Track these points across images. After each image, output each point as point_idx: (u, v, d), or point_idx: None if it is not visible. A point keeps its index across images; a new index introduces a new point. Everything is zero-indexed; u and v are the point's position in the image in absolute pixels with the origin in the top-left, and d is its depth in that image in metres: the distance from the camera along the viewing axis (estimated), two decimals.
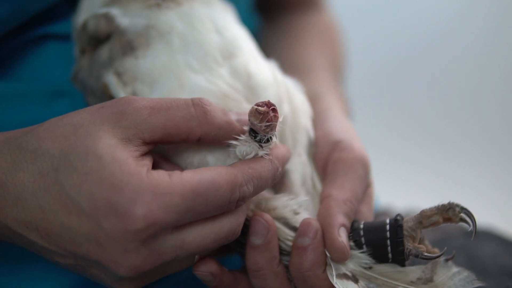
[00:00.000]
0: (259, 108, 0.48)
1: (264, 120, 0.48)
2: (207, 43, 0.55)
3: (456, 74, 1.92)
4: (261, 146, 0.49)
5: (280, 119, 0.49)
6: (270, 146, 0.50)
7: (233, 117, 0.50)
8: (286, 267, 0.54)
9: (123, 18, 0.56)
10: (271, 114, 0.48)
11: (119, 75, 0.54)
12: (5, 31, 0.59)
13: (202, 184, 0.45)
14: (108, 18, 0.56)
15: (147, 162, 0.47)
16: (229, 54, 0.56)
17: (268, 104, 0.48)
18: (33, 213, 0.46)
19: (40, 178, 0.46)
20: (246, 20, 0.67)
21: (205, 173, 0.46)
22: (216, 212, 0.47)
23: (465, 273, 0.51)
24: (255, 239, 0.52)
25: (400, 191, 1.48)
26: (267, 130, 0.48)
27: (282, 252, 0.53)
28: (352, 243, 0.53)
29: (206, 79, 0.54)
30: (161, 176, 0.45)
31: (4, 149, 0.48)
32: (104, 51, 0.56)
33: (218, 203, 0.46)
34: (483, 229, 0.74)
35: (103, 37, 0.57)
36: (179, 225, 0.46)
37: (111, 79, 0.54)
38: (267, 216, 0.52)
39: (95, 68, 0.56)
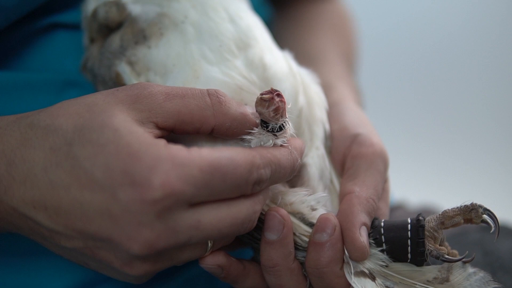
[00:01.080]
0: (264, 96, 0.47)
1: (270, 106, 0.47)
2: (222, 33, 0.54)
3: (474, 68, 1.90)
4: (276, 135, 0.49)
5: (288, 106, 0.48)
6: (285, 135, 0.49)
7: (248, 110, 0.49)
8: (301, 264, 0.53)
9: (135, 6, 0.55)
10: (276, 99, 0.47)
11: (131, 64, 0.54)
12: (13, 20, 0.58)
13: (220, 160, 0.44)
14: (119, 5, 0.55)
15: (163, 140, 0.45)
16: (244, 44, 0.55)
17: (272, 91, 0.47)
18: (42, 190, 0.45)
19: (52, 153, 0.45)
20: (257, 10, 0.65)
21: (224, 150, 0.45)
22: (233, 193, 0.46)
23: (481, 274, 0.50)
24: (270, 235, 0.51)
25: (415, 185, 1.47)
26: (277, 116, 0.48)
27: (297, 247, 0.52)
28: (372, 241, 0.52)
29: (221, 71, 0.53)
30: (180, 149, 0.44)
31: (14, 127, 0.47)
32: (116, 40, 0.55)
33: (235, 181, 0.45)
34: (500, 224, 0.73)
35: (113, 26, 0.56)
36: (195, 202, 0.44)
37: (124, 68, 0.54)
38: (283, 211, 0.51)
39: (106, 56, 0.55)
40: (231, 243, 0.53)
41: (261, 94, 0.47)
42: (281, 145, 0.49)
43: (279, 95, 0.47)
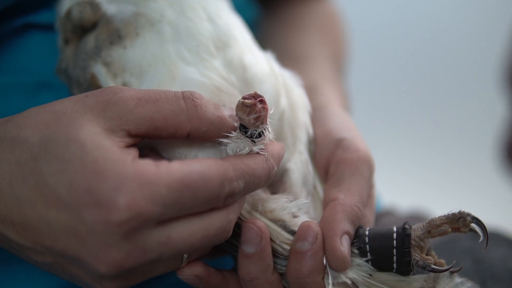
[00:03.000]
0: (246, 101, 0.45)
1: (252, 113, 0.45)
2: (200, 32, 0.52)
3: (466, 71, 1.90)
4: (254, 142, 0.47)
5: (270, 111, 0.46)
6: (264, 141, 0.47)
7: (226, 113, 0.48)
8: (281, 275, 0.51)
9: (110, 5, 0.54)
10: (259, 106, 0.45)
11: (107, 65, 0.52)
12: None
13: (190, 175, 0.43)
14: (93, 5, 0.54)
15: (133, 151, 0.44)
16: (223, 44, 0.53)
17: (255, 96, 0.45)
18: (9, 206, 0.43)
19: (18, 168, 0.43)
20: (242, 10, 0.64)
21: (194, 164, 0.43)
22: (204, 207, 0.44)
23: (469, 284, 0.49)
24: (248, 248, 0.49)
25: (404, 190, 1.46)
26: (257, 123, 0.46)
27: (278, 256, 0.50)
28: (356, 251, 0.50)
29: (198, 71, 0.51)
30: (147, 165, 0.42)
31: None
32: (90, 40, 0.53)
33: (206, 197, 0.43)
34: (491, 231, 0.71)
35: (88, 26, 0.54)
36: (164, 220, 0.43)
37: (99, 69, 0.52)
38: (260, 223, 0.49)
39: (81, 58, 0.53)
40: (210, 252, 0.52)
41: (243, 98, 0.45)
42: (257, 152, 0.47)
43: (262, 101, 0.45)
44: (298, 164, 0.54)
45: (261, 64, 0.54)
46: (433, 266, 0.49)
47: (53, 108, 0.45)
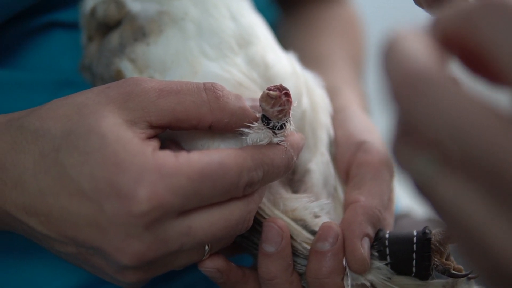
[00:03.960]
0: (271, 92, 0.45)
1: (276, 105, 0.45)
2: (222, 30, 0.53)
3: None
4: (275, 133, 0.47)
5: (294, 105, 0.46)
6: (285, 133, 0.47)
7: (247, 103, 0.47)
8: (300, 275, 0.51)
9: (134, 3, 0.54)
10: (284, 98, 0.45)
11: (133, 61, 0.52)
12: (9, 16, 0.57)
13: (210, 165, 0.42)
14: (118, 3, 0.54)
15: (154, 143, 0.44)
16: (245, 42, 0.53)
17: (280, 88, 0.45)
18: (32, 197, 0.44)
19: (41, 159, 0.43)
20: (263, 12, 0.64)
21: (213, 154, 0.43)
22: (224, 197, 0.44)
23: None
24: (268, 247, 0.49)
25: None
26: (280, 116, 0.45)
27: (298, 255, 0.50)
28: (376, 253, 0.50)
29: (220, 67, 0.51)
30: (167, 156, 0.42)
31: (5, 130, 0.46)
32: (115, 38, 0.53)
33: (225, 186, 0.43)
34: None
35: (112, 24, 0.54)
36: (185, 210, 0.43)
37: (126, 65, 0.52)
38: (281, 222, 0.49)
39: (105, 55, 0.54)
40: (229, 249, 0.52)
41: (268, 89, 0.45)
42: (277, 143, 0.47)
43: (287, 94, 0.45)
44: (320, 165, 0.54)
45: (283, 63, 0.54)
46: (452, 271, 0.49)
47: (75, 100, 0.45)
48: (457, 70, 0.30)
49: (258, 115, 0.47)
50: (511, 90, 0.27)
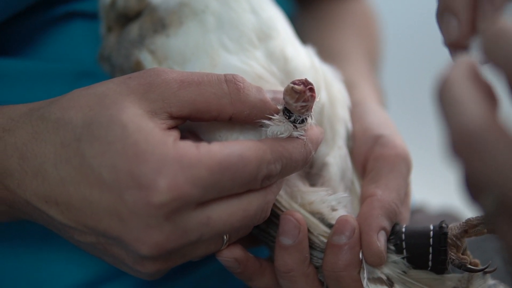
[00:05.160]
0: (296, 86, 0.44)
1: (300, 100, 0.45)
2: (243, 23, 0.53)
3: None
4: (296, 127, 0.47)
5: (317, 99, 0.46)
6: (305, 128, 0.47)
7: (268, 95, 0.47)
8: (317, 268, 0.51)
9: None
10: (308, 94, 0.45)
11: (152, 52, 0.52)
12: (28, 6, 0.57)
13: (230, 157, 0.43)
14: None
15: (175, 133, 0.44)
16: (265, 36, 0.53)
17: (305, 83, 0.45)
18: (53, 186, 0.44)
19: (62, 148, 0.44)
20: (281, 5, 0.64)
21: (234, 146, 0.43)
22: (242, 189, 0.44)
23: (501, 287, 0.49)
24: (285, 239, 0.49)
25: (435, 188, 1.45)
26: (303, 110, 0.45)
27: (315, 248, 0.51)
28: (392, 247, 0.50)
29: (240, 60, 0.51)
30: (188, 147, 0.42)
31: (26, 119, 0.46)
32: (134, 29, 0.54)
33: (245, 178, 0.43)
34: None
35: (132, 15, 0.55)
36: (204, 201, 0.43)
37: (146, 57, 0.52)
38: (298, 215, 0.49)
39: (124, 46, 0.54)
40: (246, 241, 0.52)
41: (293, 83, 0.45)
42: (297, 137, 0.47)
43: (311, 89, 0.45)
44: (337, 159, 0.54)
45: (302, 57, 0.54)
46: (469, 266, 0.49)
47: (96, 90, 0.45)
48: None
49: (280, 107, 0.47)
50: None
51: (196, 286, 0.60)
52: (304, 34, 0.77)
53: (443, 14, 0.41)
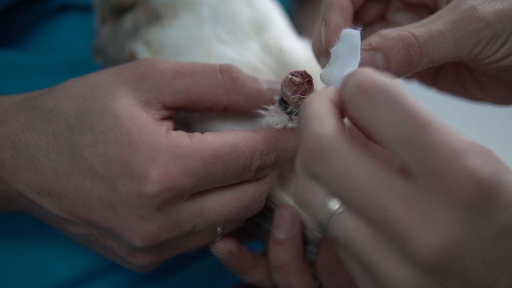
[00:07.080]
0: (294, 78, 0.44)
1: (297, 91, 0.45)
2: (238, 15, 0.52)
3: None
4: (291, 119, 0.46)
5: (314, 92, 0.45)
6: None
7: (263, 86, 0.47)
8: (311, 263, 0.51)
9: None
10: (306, 86, 0.44)
11: (147, 44, 0.52)
12: None
13: (223, 147, 0.43)
14: None
15: (168, 124, 0.44)
16: (260, 28, 0.53)
17: (304, 75, 0.45)
18: (45, 176, 0.44)
19: (54, 139, 0.43)
20: (279, 1, 0.64)
21: (227, 136, 0.43)
22: (236, 180, 0.44)
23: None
24: (279, 234, 0.49)
25: None
26: (300, 103, 0.45)
27: (309, 242, 0.50)
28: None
29: (235, 51, 0.51)
30: (181, 137, 0.42)
31: (19, 109, 0.46)
32: (128, 20, 0.53)
33: (238, 169, 0.43)
34: None
35: (126, 6, 0.54)
36: (197, 192, 0.43)
37: (139, 48, 0.52)
38: (293, 209, 0.49)
39: (118, 37, 0.53)
40: (240, 236, 0.52)
41: (292, 74, 0.45)
42: (291, 129, 0.47)
43: (310, 82, 0.45)
44: None
45: (298, 50, 0.54)
46: None
47: (90, 80, 0.45)
48: None
49: (276, 97, 0.46)
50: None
51: (190, 281, 0.60)
52: (303, 28, 0.77)
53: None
